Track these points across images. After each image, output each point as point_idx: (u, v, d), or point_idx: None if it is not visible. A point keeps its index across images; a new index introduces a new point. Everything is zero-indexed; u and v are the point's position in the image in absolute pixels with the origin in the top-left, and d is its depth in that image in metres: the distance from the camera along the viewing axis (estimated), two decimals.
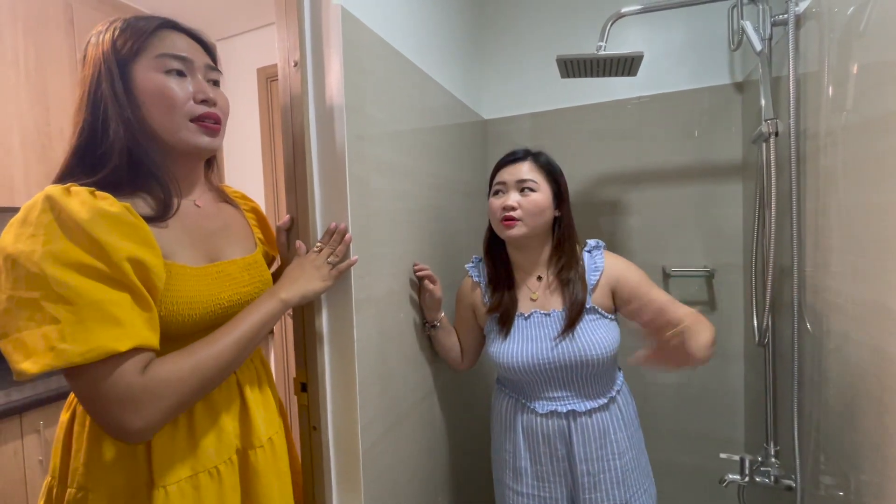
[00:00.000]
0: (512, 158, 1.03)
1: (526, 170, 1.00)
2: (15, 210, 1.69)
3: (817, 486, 0.90)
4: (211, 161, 0.78)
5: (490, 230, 1.09)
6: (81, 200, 0.52)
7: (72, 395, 0.65)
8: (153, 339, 0.54)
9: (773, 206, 1.00)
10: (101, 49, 0.61)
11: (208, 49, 0.70)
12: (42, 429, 1.36)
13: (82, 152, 0.61)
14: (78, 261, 0.50)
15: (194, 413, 0.63)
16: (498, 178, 1.03)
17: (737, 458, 1.11)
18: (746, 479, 1.09)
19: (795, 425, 0.94)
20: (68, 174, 0.60)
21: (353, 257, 0.84)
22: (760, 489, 1.12)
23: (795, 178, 0.92)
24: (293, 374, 1.01)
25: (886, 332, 0.65)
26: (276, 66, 0.87)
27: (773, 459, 1.10)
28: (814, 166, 0.89)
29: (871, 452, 0.70)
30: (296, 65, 0.81)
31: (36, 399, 1.35)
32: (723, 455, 1.15)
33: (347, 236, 0.82)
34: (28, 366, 0.48)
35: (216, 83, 0.69)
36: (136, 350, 0.52)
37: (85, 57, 0.63)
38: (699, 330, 0.81)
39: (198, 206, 0.70)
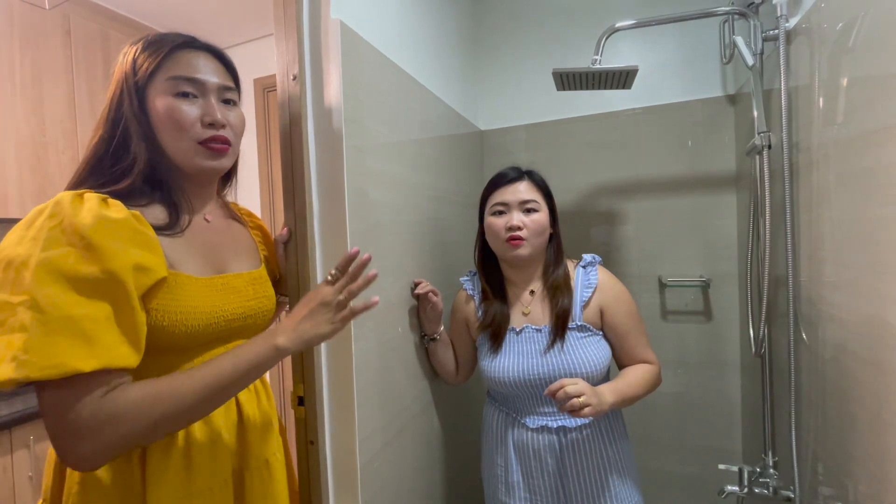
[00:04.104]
0: (509, 179, 1.03)
1: (525, 189, 1.01)
2: (8, 221, 1.69)
3: (816, 497, 0.90)
4: (228, 177, 0.78)
5: (481, 246, 1.09)
6: (89, 207, 0.52)
7: None
8: (128, 358, 0.52)
9: (767, 217, 1.01)
10: (122, 69, 0.63)
11: (228, 66, 0.69)
12: (32, 444, 1.34)
13: (97, 164, 0.61)
14: (69, 269, 0.49)
15: (192, 432, 0.61)
16: (498, 199, 1.03)
17: (735, 469, 1.11)
18: (745, 490, 1.09)
19: (793, 436, 0.94)
20: (81, 183, 0.60)
21: (373, 298, 0.68)
22: (759, 500, 1.12)
23: (789, 190, 0.93)
24: (288, 386, 0.99)
25: (882, 344, 0.66)
26: (272, 76, 0.87)
27: (771, 470, 1.09)
28: (807, 179, 0.90)
29: (869, 463, 0.70)
30: (295, 78, 0.81)
31: (26, 414, 1.32)
32: (721, 466, 1.15)
33: (372, 273, 0.67)
34: None
35: (233, 103, 0.69)
36: (102, 372, 0.50)
37: (113, 74, 0.64)
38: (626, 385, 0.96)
39: (207, 220, 0.71)
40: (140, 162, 0.60)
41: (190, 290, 0.61)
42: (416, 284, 1.07)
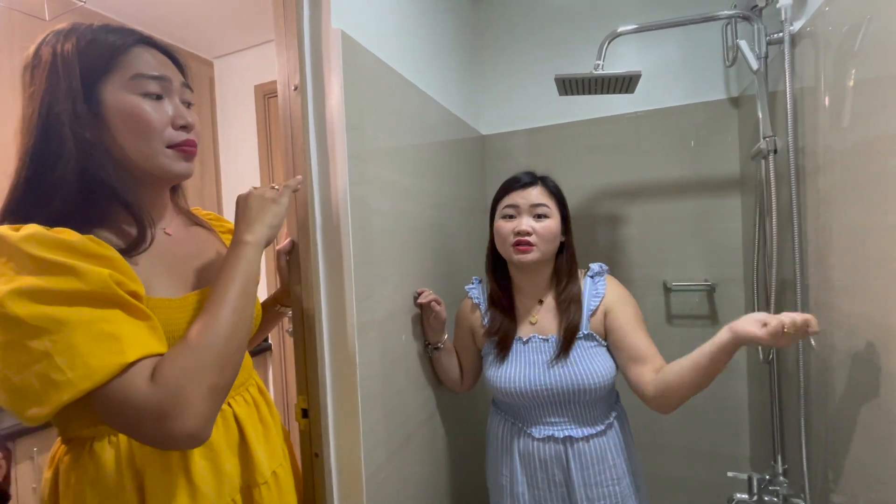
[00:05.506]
0: (522, 183, 1.01)
1: (538, 194, 0.99)
2: None
3: None
4: (176, 185, 0.72)
5: (492, 251, 1.08)
6: (35, 234, 0.48)
7: (52, 451, 0.60)
8: (159, 346, 0.51)
9: (773, 221, 1.00)
10: (60, 62, 0.54)
11: (181, 68, 0.65)
12: (35, 455, 1.33)
13: (33, 183, 0.53)
14: (48, 289, 0.46)
15: (190, 455, 0.59)
16: (508, 202, 1.01)
17: (744, 476, 1.10)
18: (755, 498, 1.08)
19: (803, 443, 0.93)
20: (15, 208, 0.53)
21: (297, 176, 0.78)
22: None
23: (795, 195, 0.92)
24: (292, 398, 0.98)
25: (891, 353, 0.65)
26: (273, 82, 0.86)
27: (781, 478, 1.08)
28: (813, 183, 0.89)
29: (880, 471, 0.69)
30: (296, 88, 0.81)
31: (29, 426, 1.32)
32: (730, 474, 1.13)
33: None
34: (36, 411, 0.45)
35: (190, 105, 0.65)
36: (143, 359, 0.49)
37: (34, 68, 0.55)
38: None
39: (168, 234, 0.66)
40: (74, 168, 0.53)
41: (167, 314, 0.57)
42: (419, 294, 1.07)
